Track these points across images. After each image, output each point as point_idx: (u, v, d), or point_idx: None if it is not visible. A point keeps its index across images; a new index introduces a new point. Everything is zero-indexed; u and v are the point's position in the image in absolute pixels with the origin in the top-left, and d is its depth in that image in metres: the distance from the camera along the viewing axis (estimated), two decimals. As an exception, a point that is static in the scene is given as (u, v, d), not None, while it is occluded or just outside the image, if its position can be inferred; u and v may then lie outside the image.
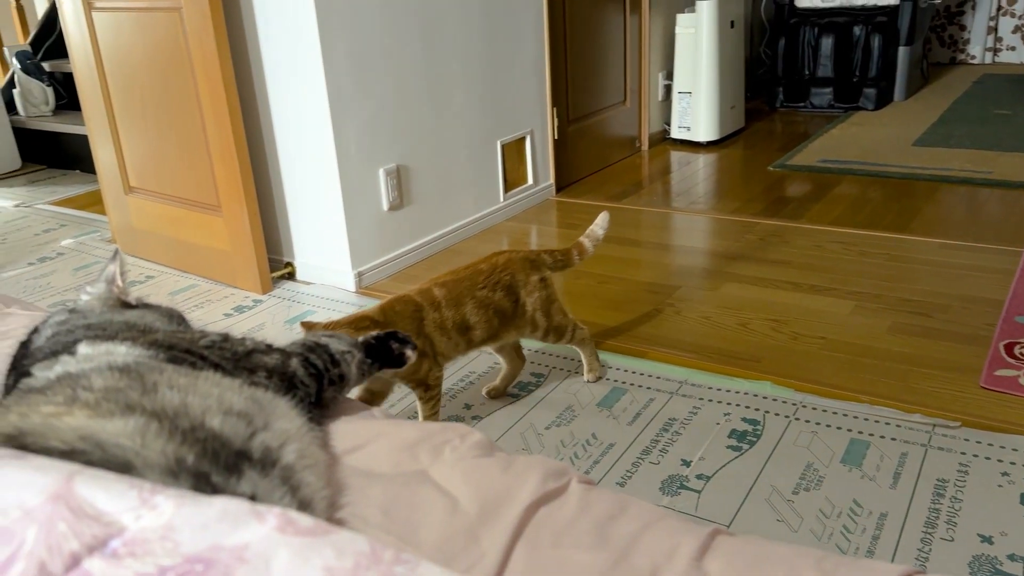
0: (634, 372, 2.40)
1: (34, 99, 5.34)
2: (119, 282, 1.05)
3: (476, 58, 3.46)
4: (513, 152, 3.83)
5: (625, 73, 4.60)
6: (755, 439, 2.06)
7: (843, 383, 2.26)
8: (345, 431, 0.99)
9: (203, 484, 0.66)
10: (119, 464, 0.64)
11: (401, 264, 3.27)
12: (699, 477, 1.93)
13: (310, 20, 2.80)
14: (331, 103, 2.88)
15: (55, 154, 5.31)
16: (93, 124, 3.55)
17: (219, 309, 3.02)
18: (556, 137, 4.05)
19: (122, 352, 0.85)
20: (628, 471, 1.97)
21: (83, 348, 0.86)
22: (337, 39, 2.87)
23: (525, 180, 3.94)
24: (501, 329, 2.13)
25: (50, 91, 5.38)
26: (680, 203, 3.98)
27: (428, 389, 2.04)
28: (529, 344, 2.58)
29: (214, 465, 0.69)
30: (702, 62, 4.65)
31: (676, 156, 4.77)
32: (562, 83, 4.04)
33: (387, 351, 1.14)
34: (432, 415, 2.07)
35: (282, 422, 0.83)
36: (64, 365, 0.83)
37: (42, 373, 0.83)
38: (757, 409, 2.18)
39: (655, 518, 0.84)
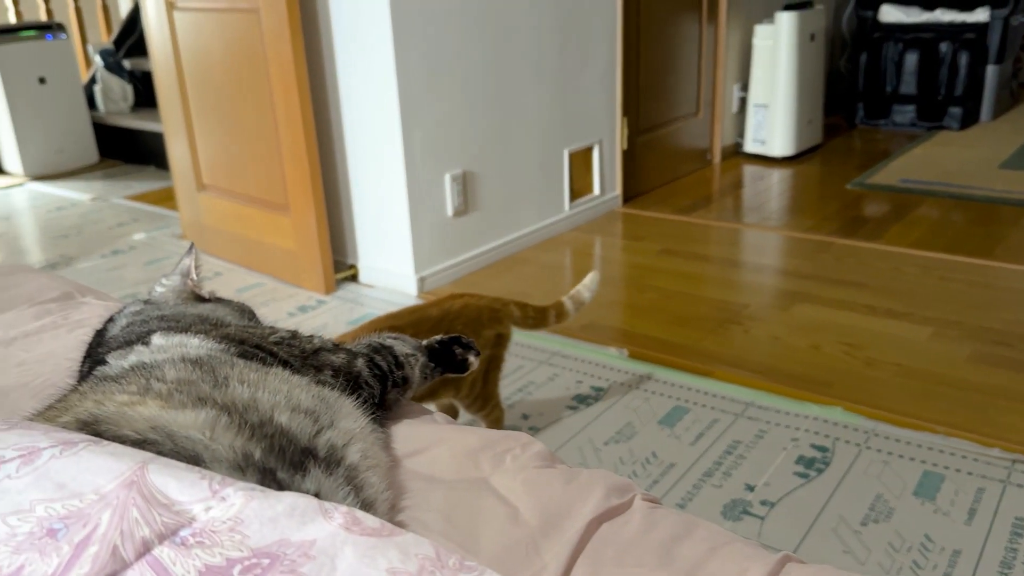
0: (698, 391, 2.33)
1: (114, 96, 5.50)
2: (193, 276, 1.06)
3: (547, 65, 3.43)
4: (580, 161, 3.79)
5: (699, 83, 4.51)
6: (823, 466, 1.97)
7: (918, 412, 2.15)
8: (407, 434, 0.97)
9: (269, 480, 0.66)
10: (188, 456, 0.65)
11: (463, 270, 3.24)
12: (763, 503, 1.85)
13: (384, 24, 2.81)
14: (402, 107, 2.88)
15: (131, 150, 5.45)
16: (169, 121, 3.62)
17: (283, 308, 3.04)
18: (625, 147, 3.99)
19: (195, 344, 0.85)
20: (689, 492, 1.90)
21: (157, 339, 0.86)
22: (410, 44, 2.87)
23: (591, 190, 3.89)
24: (440, 388, 1.85)
25: (129, 88, 5.53)
26: (752, 219, 3.88)
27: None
28: (588, 355, 2.53)
29: (280, 461, 0.68)
30: (780, 75, 4.54)
31: (749, 170, 4.66)
32: (633, 92, 3.98)
33: (450, 356, 1.11)
34: None
35: (347, 421, 0.81)
36: (138, 355, 0.83)
37: (117, 362, 0.84)
38: (827, 436, 2.09)
39: (722, 541, 0.79)
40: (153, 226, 4.18)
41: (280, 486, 0.66)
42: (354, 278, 3.25)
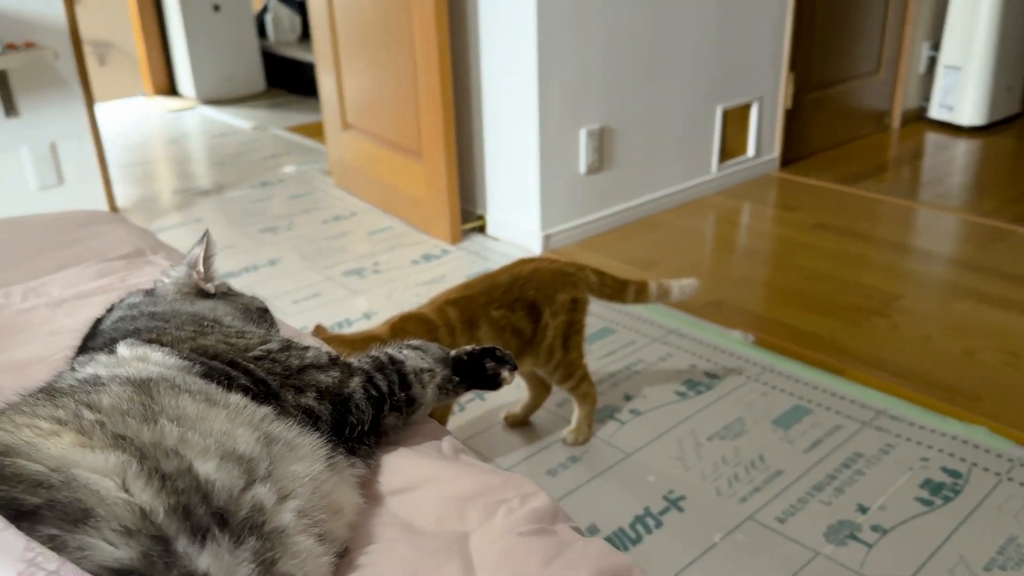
0: (824, 391, 2.11)
1: (282, 26, 5.64)
2: (200, 268, 1.01)
3: (707, 13, 3.17)
4: (735, 119, 3.52)
5: (882, 39, 4.07)
6: (952, 495, 1.73)
7: (1085, 446, 1.86)
8: (399, 466, 0.87)
9: (158, 550, 0.58)
10: (79, 510, 0.58)
11: (592, 230, 3.11)
12: (874, 528, 1.65)
13: (526, -34, 2.66)
14: (540, 56, 2.74)
15: (296, 80, 5.60)
16: (320, 57, 3.65)
17: (408, 255, 3.02)
18: (789, 106, 3.68)
19: (155, 360, 0.80)
20: (792, 507, 1.73)
21: (122, 349, 0.82)
22: (553, -13, 2.71)
23: (744, 151, 3.62)
24: (518, 357, 1.76)
25: (297, 19, 5.65)
26: (926, 195, 3.50)
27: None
28: (708, 337, 2.36)
29: (183, 525, 0.61)
30: (978, 33, 4.02)
31: (932, 139, 4.20)
32: (804, 45, 3.64)
33: (479, 370, 1.00)
34: None
35: (299, 466, 0.73)
36: (95, 366, 0.80)
37: (80, 368, 0.81)
38: (963, 459, 1.84)
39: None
40: (304, 159, 4.28)
41: (169, 558, 0.58)
42: (482, 229, 3.19)
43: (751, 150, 3.62)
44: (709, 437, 1.95)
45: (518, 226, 3.04)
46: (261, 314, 1.04)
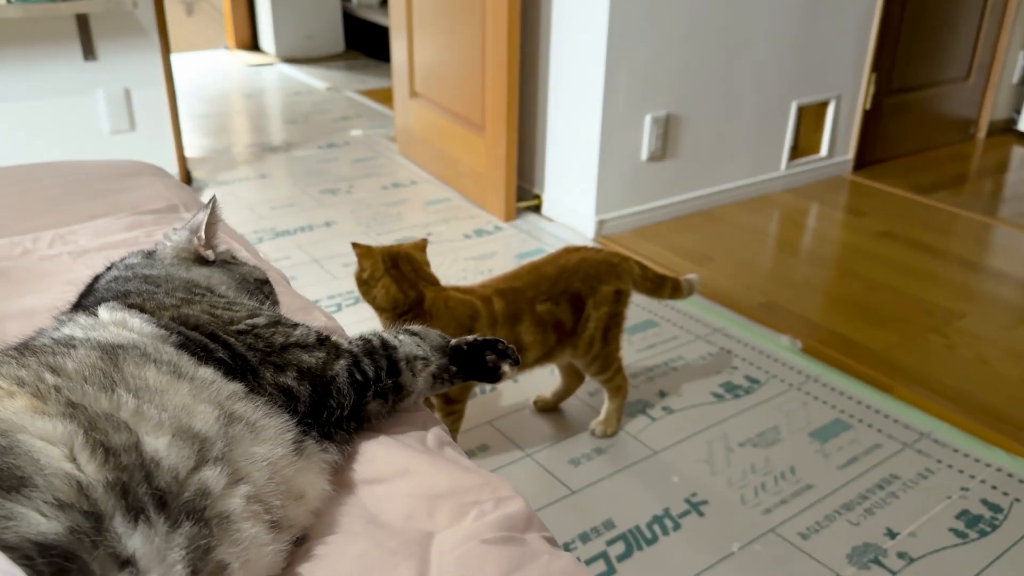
0: (868, 407, 2.04)
1: (364, -12, 5.66)
2: (201, 234, 0.99)
3: (789, 4, 3.06)
4: (810, 117, 3.41)
5: (976, 44, 3.89)
6: (989, 529, 1.66)
7: None
8: (376, 455, 0.85)
9: (88, 527, 0.56)
10: (15, 479, 0.57)
11: (648, 219, 3.05)
12: (901, 556, 1.59)
13: (604, -56, 2.60)
14: (610, 37, 2.68)
15: (374, 44, 5.62)
16: (394, 23, 3.64)
17: (461, 228, 3.02)
18: (868, 107, 3.54)
19: (133, 326, 0.79)
20: (818, 523, 1.68)
21: (102, 312, 0.81)
22: (629, -32, 2.65)
23: (817, 150, 3.50)
24: (556, 349, 1.76)
25: (380, -18, 5.66)
26: (1006, 212, 3.34)
27: (449, 403, 1.72)
28: (755, 340, 2.30)
29: (120, 502, 0.59)
30: (1083, 44, 3.80)
31: (1019, 153, 4.01)
32: (890, 46, 3.49)
33: (479, 361, 0.97)
34: (451, 430, 1.74)
35: (260, 448, 0.71)
36: (73, 327, 0.79)
37: (59, 327, 0.80)
38: (1006, 493, 1.76)
39: None
40: (372, 124, 4.30)
41: (98, 536, 0.56)
42: (537, 209, 3.16)
43: (824, 150, 3.50)
44: (741, 443, 1.91)
45: (573, 209, 3.00)
46: (259, 286, 1.02)
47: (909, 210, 3.29)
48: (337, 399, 0.84)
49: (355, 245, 1.61)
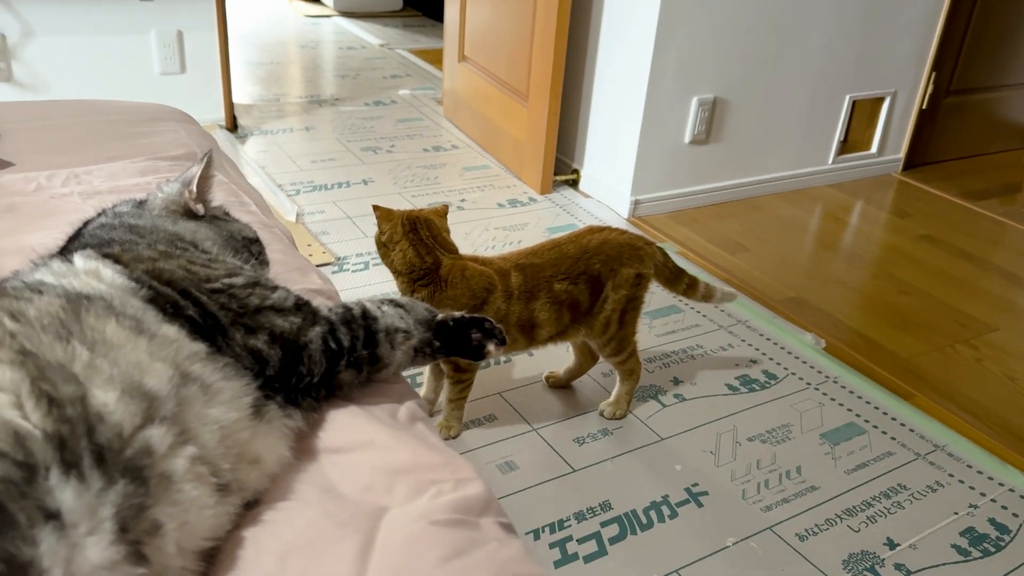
0: (885, 413, 2.01)
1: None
2: (193, 187, 0.99)
3: (851, -4, 2.98)
4: (864, 112, 3.32)
5: (1047, 50, 3.75)
6: (993, 550, 1.63)
7: None
8: (343, 424, 0.85)
9: (20, 477, 0.56)
10: None
11: (684, 203, 3.01)
12: (898, 567, 1.58)
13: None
14: (661, 16, 2.63)
15: (432, 3, 5.58)
16: (449, -15, 3.62)
17: (496, 197, 3.01)
18: (925, 106, 3.44)
19: (105, 277, 0.79)
20: (817, 526, 1.66)
21: (77, 259, 0.81)
22: (688, -54, 2.59)
23: (868, 147, 3.42)
24: (570, 328, 1.76)
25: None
26: (1056, 224, 3.24)
27: (459, 371, 1.73)
28: (777, 334, 2.27)
29: (57, 455, 0.58)
30: None
31: (1080, 165, 3.87)
32: (953, 45, 3.38)
33: (463, 339, 0.97)
34: (458, 398, 1.78)
35: (215, 410, 0.71)
36: (45, 273, 0.79)
37: (34, 271, 0.80)
38: (1016, 515, 1.73)
39: None
40: (420, 84, 4.29)
41: (28, 487, 0.55)
42: (575, 183, 3.14)
43: (875, 147, 3.42)
44: (750, 438, 1.89)
45: (609, 186, 2.97)
46: (247, 244, 1.02)
47: (956, 216, 3.21)
48: (308, 366, 0.84)
49: (376, 207, 1.62)
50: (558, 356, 2.07)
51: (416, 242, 1.60)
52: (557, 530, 1.60)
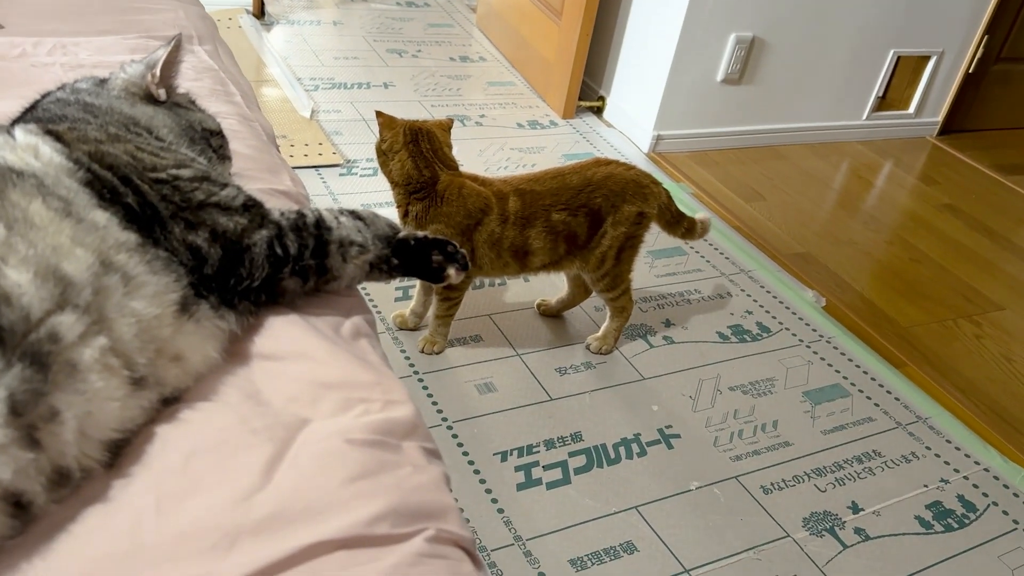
0: (874, 379, 2.00)
1: None
2: (156, 71, 0.96)
3: (910, -55, 2.84)
4: (906, 69, 3.21)
5: (1110, 25, 3.58)
6: (957, 527, 1.64)
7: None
8: (280, 332, 0.83)
9: None
10: None
11: (707, 144, 2.94)
12: (857, 531, 1.59)
13: None
14: (707, -57, 2.53)
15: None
16: None
17: (516, 116, 2.96)
18: (972, 70, 3.31)
19: (43, 154, 0.76)
20: (784, 481, 1.67)
21: (19, 133, 0.78)
22: None
23: (906, 106, 3.31)
24: (564, 259, 1.74)
25: None
26: (1087, 208, 3.15)
27: (448, 287, 1.67)
28: (778, 288, 2.24)
29: None
30: None
31: (1124, 149, 3.74)
32: (1013, 8, 3.23)
33: (423, 259, 0.94)
34: (445, 315, 1.76)
35: (136, 303, 0.69)
36: None
37: None
38: (986, 495, 1.72)
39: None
40: (457, -10, 4.17)
41: None
42: (599, 111, 3.07)
43: (913, 107, 3.31)
44: (732, 387, 1.89)
45: (632, 118, 2.91)
46: (207, 135, 0.98)
47: (984, 188, 3.12)
48: (249, 269, 0.82)
49: (379, 114, 1.59)
50: (552, 285, 2.06)
51: (415, 154, 1.57)
52: (525, 455, 1.61)
